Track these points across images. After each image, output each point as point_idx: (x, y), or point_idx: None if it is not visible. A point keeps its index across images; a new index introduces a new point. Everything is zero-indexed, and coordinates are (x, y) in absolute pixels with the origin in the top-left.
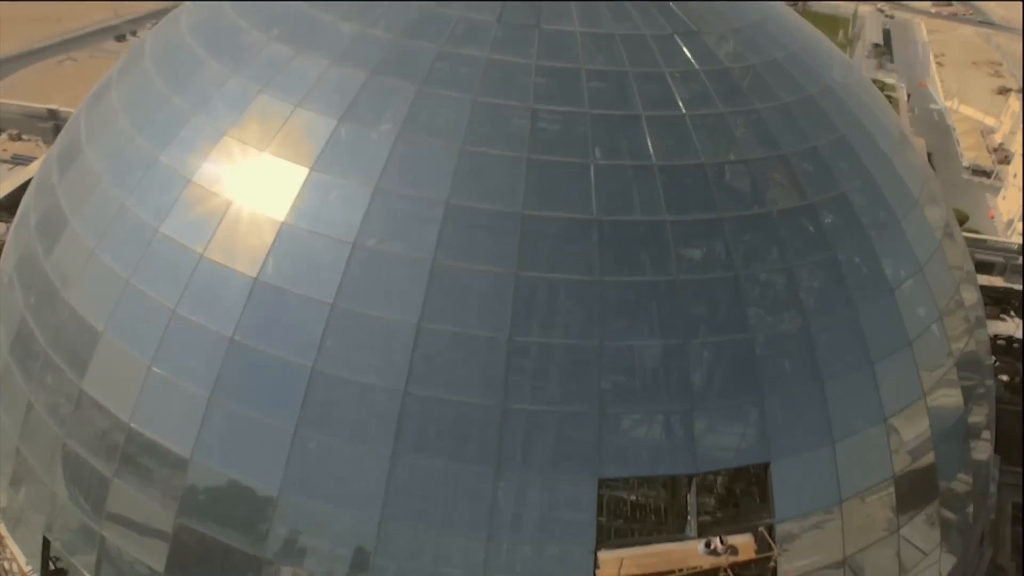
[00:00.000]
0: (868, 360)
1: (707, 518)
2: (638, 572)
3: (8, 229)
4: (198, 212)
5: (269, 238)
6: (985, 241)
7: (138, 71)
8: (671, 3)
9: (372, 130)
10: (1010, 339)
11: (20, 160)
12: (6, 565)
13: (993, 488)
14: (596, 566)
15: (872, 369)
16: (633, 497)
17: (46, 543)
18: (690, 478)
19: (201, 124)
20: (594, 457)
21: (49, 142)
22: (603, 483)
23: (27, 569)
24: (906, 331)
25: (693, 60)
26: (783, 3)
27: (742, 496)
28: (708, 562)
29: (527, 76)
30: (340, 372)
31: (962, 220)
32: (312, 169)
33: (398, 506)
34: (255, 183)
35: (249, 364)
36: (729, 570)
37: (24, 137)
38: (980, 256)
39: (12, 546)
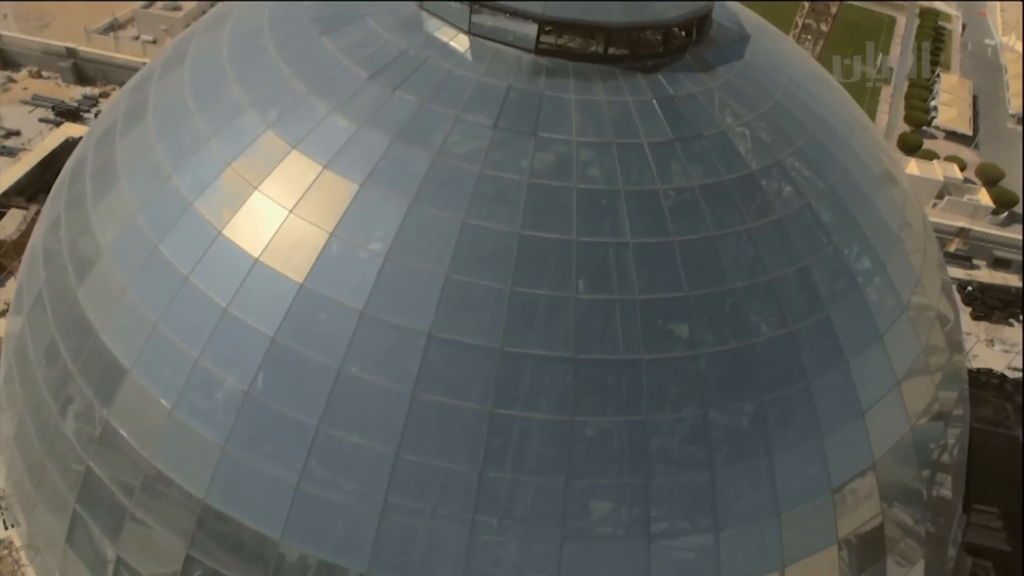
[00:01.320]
0: (828, 486)
1: None
2: None
3: (24, 218)
4: (195, 312)
5: (260, 353)
6: (1003, 237)
7: (141, 131)
8: (676, 100)
9: (362, 249)
10: (1002, 378)
11: (40, 101)
12: None
13: (952, 551)
14: None
15: (831, 496)
16: None
17: None
18: None
19: (198, 217)
20: None
21: (69, 81)
22: None
23: None
24: (872, 452)
25: (689, 173)
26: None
27: None
28: None
29: (518, 194)
30: (323, 492)
31: (997, 177)
32: (303, 284)
33: None
34: (248, 291)
35: (239, 474)
36: None
37: (44, 75)
38: (999, 253)
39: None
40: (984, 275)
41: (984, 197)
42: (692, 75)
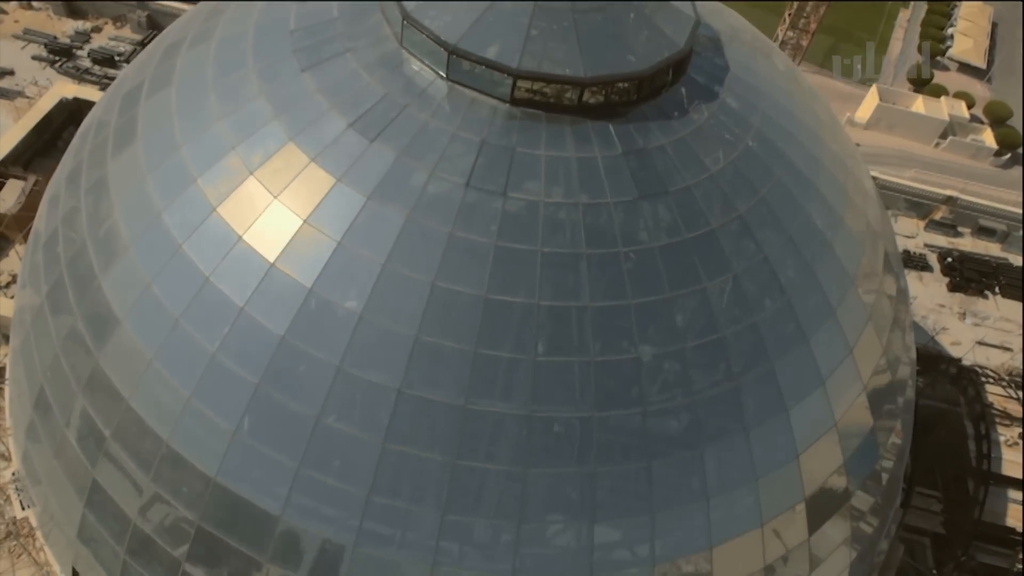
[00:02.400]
0: (759, 521)
1: None
2: None
3: (23, 191)
4: (185, 354)
5: (245, 398)
6: (990, 207)
7: (131, 155)
8: (645, 153)
9: (339, 307)
10: (959, 368)
11: (33, 37)
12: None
13: (884, 544)
14: None
15: (761, 530)
16: None
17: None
18: None
19: (187, 259)
20: None
21: (60, 14)
22: None
23: None
24: (803, 488)
25: (652, 232)
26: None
27: None
28: None
29: (486, 257)
30: (304, 524)
31: (1006, 116)
32: (284, 338)
33: None
34: (234, 338)
35: (229, 503)
36: None
37: (35, 6)
38: (984, 222)
39: (48, 553)
40: (967, 243)
41: (988, 138)
42: (663, 123)
